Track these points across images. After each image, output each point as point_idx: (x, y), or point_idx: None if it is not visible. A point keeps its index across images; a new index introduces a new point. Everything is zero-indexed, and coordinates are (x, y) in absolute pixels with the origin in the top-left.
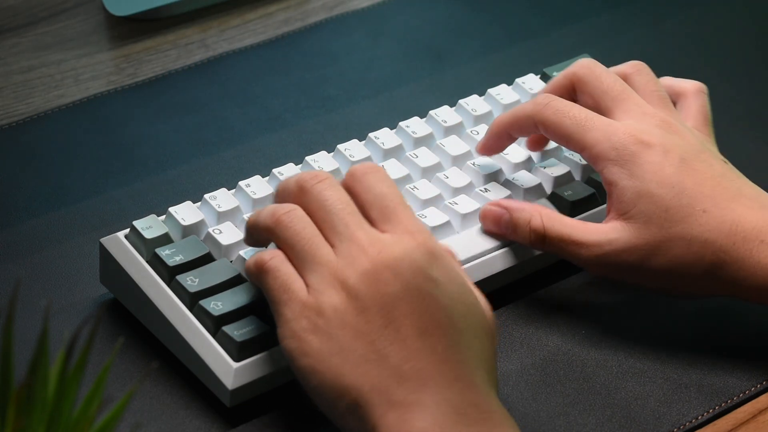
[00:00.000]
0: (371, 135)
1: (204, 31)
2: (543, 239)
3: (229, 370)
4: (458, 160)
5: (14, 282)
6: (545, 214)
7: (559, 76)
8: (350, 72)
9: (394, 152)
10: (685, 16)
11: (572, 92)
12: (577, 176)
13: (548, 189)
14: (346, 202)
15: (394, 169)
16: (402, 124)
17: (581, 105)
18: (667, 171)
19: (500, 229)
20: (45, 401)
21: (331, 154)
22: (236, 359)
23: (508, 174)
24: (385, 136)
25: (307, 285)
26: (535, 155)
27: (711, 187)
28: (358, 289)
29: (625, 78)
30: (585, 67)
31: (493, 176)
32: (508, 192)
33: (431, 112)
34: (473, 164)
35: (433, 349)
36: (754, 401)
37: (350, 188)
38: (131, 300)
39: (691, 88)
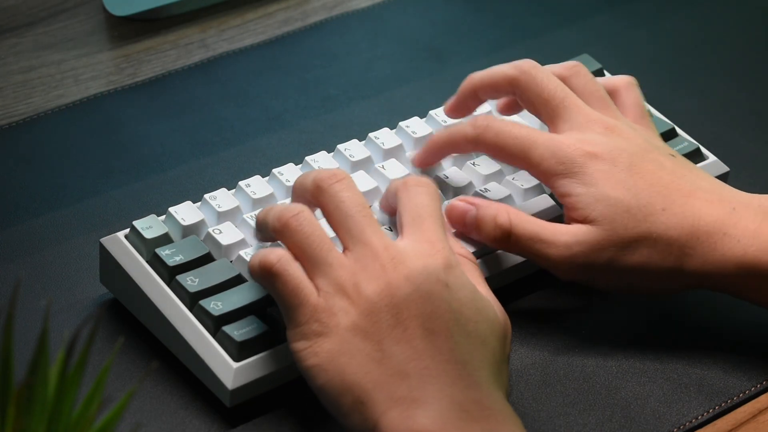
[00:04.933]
0: (371, 135)
1: (204, 31)
2: (508, 237)
3: (229, 370)
4: (458, 160)
5: (14, 282)
6: (512, 212)
7: (496, 74)
8: (350, 72)
9: (394, 152)
10: (685, 16)
11: (508, 93)
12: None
13: (548, 188)
14: (362, 205)
15: (394, 169)
16: (402, 124)
17: (520, 105)
18: (619, 177)
19: (465, 226)
20: (45, 401)
21: (331, 154)
22: (236, 359)
23: (508, 174)
24: (385, 136)
25: (316, 287)
26: None
27: (665, 186)
28: (369, 293)
29: (564, 80)
30: (525, 72)
31: (493, 176)
32: (508, 192)
33: (431, 113)
34: (473, 164)
35: (439, 350)
36: (754, 401)
37: (398, 192)
38: (131, 300)
39: (622, 83)
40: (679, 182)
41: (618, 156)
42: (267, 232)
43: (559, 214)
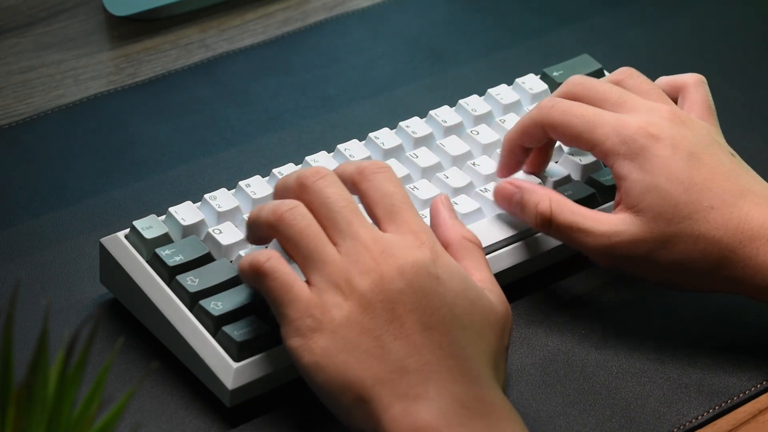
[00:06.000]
0: (371, 135)
1: (204, 31)
2: (549, 224)
3: (229, 370)
4: (458, 160)
5: (14, 282)
6: (555, 200)
7: (555, 94)
8: (350, 72)
9: (394, 152)
10: (685, 16)
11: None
12: (577, 177)
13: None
14: (348, 200)
15: (394, 169)
16: (402, 124)
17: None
18: (677, 165)
19: (511, 207)
20: (45, 401)
21: (331, 154)
22: (236, 359)
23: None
24: (385, 136)
25: (309, 283)
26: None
27: (719, 183)
28: (363, 287)
29: (618, 84)
30: (577, 84)
31: (493, 176)
32: None
33: (431, 112)
34: (473, 164)
35: (438, 344)
36: (754, 401)
37: (357, 185)
38: (131, 300)
39: (692, 80)
40: (733, 182)
41: (680, 142)
42: (260, 229)
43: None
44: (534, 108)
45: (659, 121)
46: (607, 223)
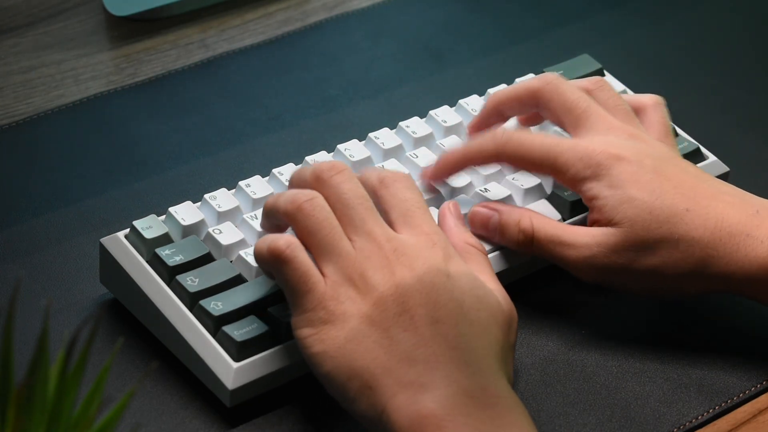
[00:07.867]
0: (371, 135)
1: (204, 31)
2: (531, 241)
3: (229, 370)
4: None
5: (14, 282)
6: (534, 216)
7: (520, 88)
8: (350, 72)
9: (394, 152)
10: (684, 16)
11: (531, 106)
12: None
13: (548, 189)
14: (363, 197)
15: (394, 169)
16: (402, 124)
17: (543, 118)
18: (645, 177)
19: (488, 231)
20: (45, 401)
21: (331, 154)
22: (236, 359)
23: (508, 174)
24: (385, 136)
25: (323, 274)
26: None
27: (690, 188)
28: (375, 282)
29: (588, 94)
30: (549, 83)
31: (493, 176)
32: (508, 192)
33: (431, 112)
34: None
35: (445, 337)
36: (754, 401)
37: (376, 191)
38: (131, 300)
39: (650, 101)
40: (703, 186)
41: (643, 159)
42: (276, 217)
43: (558, 219)
44: (488, 135)
45: (618, 140)
46: (587, 235)
